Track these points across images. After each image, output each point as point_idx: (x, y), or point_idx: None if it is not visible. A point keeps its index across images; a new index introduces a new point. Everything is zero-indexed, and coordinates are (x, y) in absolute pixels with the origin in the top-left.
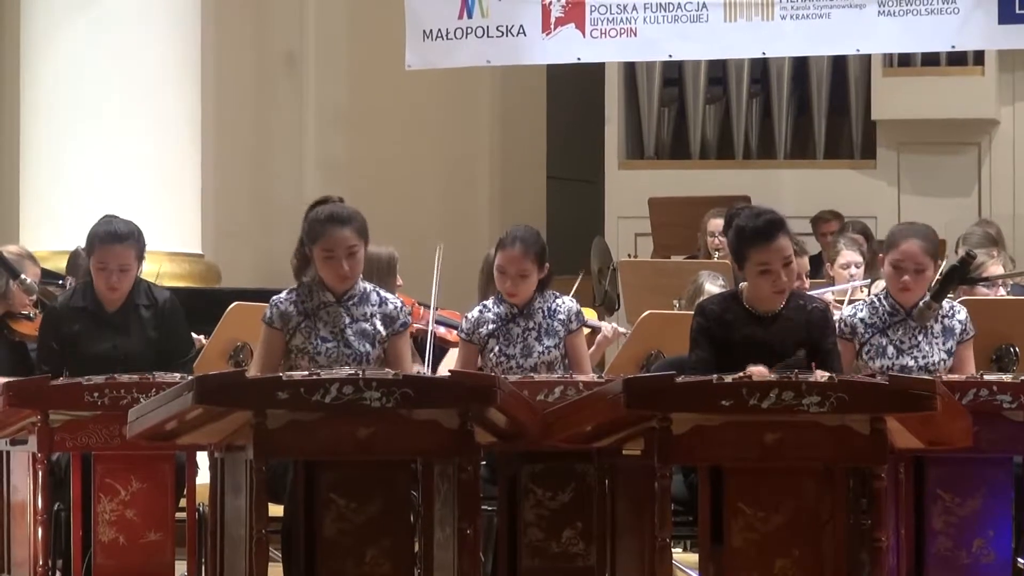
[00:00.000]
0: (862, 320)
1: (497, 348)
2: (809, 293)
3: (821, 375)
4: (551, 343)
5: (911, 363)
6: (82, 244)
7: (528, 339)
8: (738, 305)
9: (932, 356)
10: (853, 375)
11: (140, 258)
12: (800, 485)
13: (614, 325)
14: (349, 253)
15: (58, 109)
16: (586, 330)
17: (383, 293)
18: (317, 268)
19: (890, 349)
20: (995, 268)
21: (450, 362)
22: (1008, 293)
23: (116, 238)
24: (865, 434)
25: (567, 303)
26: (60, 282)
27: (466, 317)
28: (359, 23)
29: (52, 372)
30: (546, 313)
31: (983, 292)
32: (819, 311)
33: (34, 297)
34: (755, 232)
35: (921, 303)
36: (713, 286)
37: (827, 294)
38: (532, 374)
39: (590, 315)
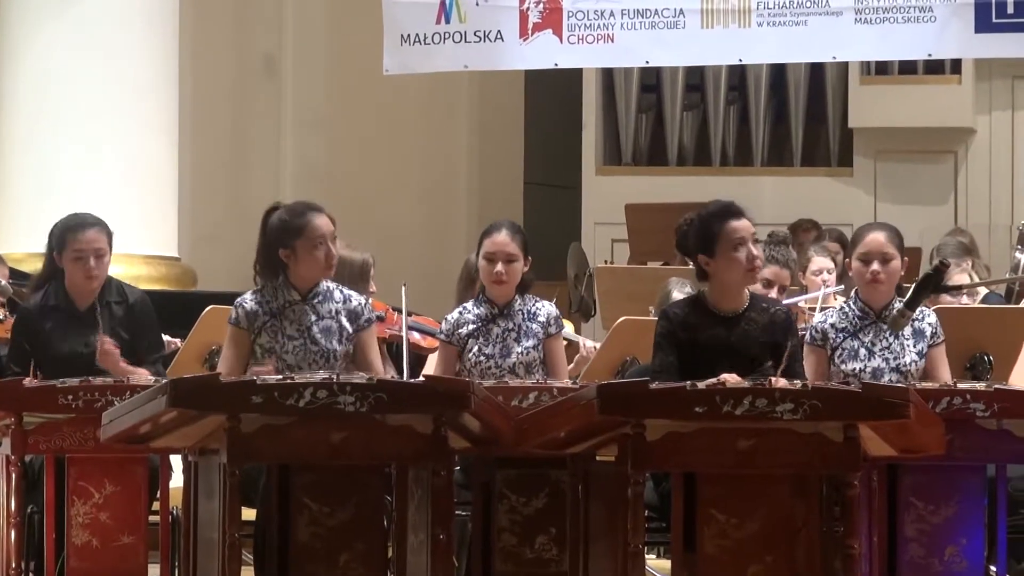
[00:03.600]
0: (832, 326)
1: (476, 348)
2: (785, 300)
3: (782, 383)
4: (530, 344)
5: (883, 364)
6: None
7: (507, 340)
8: (701, 308)
9: (904, 357)
10: (827, 383)
11: (111, 244)
12: (773, 492)
13: (590, 343)
14: (333, 239)
15: (35, 112)
16: (563, 341)
17: (346, 291)
18: (299, 264)
19: (862, 351)
20: (960, 277)
21: (429, 370)
22: (982, 301)
23: (86, 224)
24: (838, 442)
25: (547, 307)
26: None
27: (446, 319)
28: (337, 27)
29: (22, 372)
30: (526, 315)
31: (947, 300)
32: (782, 313)
33: (4, 298)
34: (721, 211)
35: (895, 311)
36: (680, 293)
37: (800, 301)
38: (507, 379)
39: (567, 327)
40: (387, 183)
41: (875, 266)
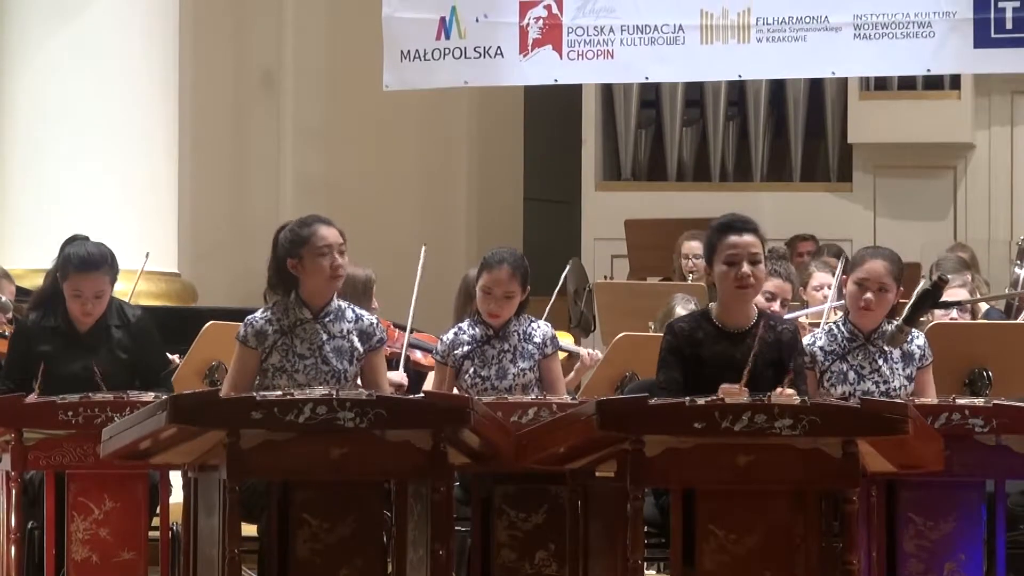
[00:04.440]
0: (821, 348)
1: (472, 370)
2: (787, 315)
3: (789, 392)
4: (526, 365)
5: (872, 388)
6: None
7: (503, 361)
8: (708, 323)
9: (893, 381)
10: (826, 398)
11: (113, 282)
12: (772, 508)
13: (591, 351)
14: (340, 251)
15: (36, 127)
16: (563, 354)
17: (358, 310)
18: (306, 275)
19: (851, 375)
20: (958, 292)
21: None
22: (983, 317)
23: (91, 265)
24: (837, 457)
25: (542, 327)
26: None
27: (441, 339)
28: (337, 42)
29: (18, 387)
30: (521, 336)
31: (939, 315)
32: (789, 331)
33: (10, 315)
34: (727, 223)
35: (893, 327)
36: (684, 310)
37: (802, 316)
38: (506, 395)
39: (567, 339)
40: (387, 198)
41: (869, 295)
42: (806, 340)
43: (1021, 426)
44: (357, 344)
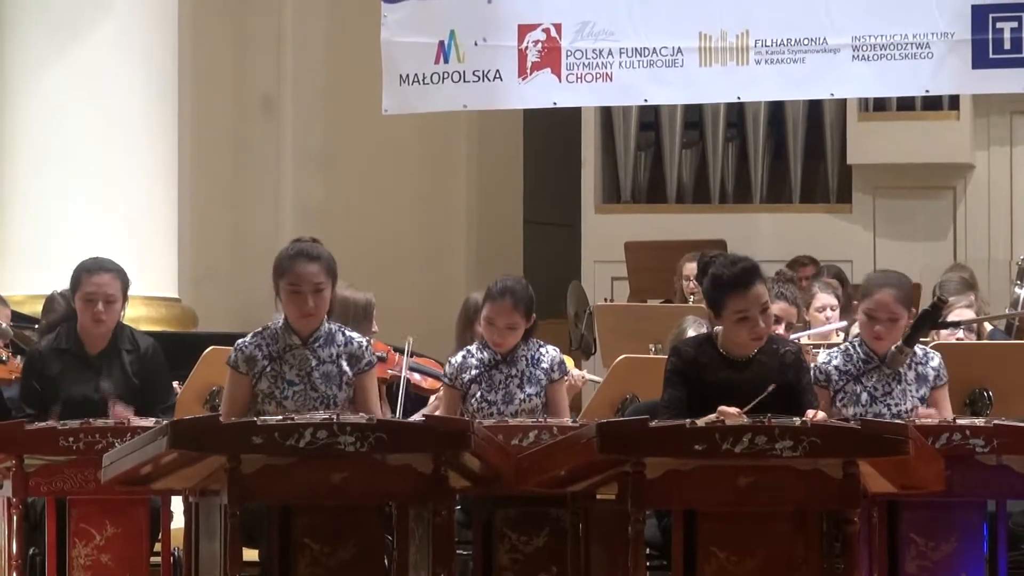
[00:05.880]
0: (836, 367)
1: (479, 394)
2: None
3: (822, 416)
4: (532, 391)
5: (884, 411)
6: (58, 288)
7: (510, 386)
8: (713, 349)
9: (905, 404)
10: (826, 419)
11: (125, 293)
12: (773, 529)
13: (582, 373)
14: (315, 289)
15: (35, 153)
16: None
17: (348, 332)
18: (282, 305)
19: (864, 396)
20: (963, 312)
21: (430, 411)
22: (988, 337)
23: (102, 267)
24: (838, 478)
25: (551, 352)
26: (36, 326)
27: (449, 362)
28: (336, 67)
29: (35, 413)
30: (529, 361)
31: (945, 335)
32: (792, 353)
33: (5, 340)
34: (732, 280)
35: (893, 347)
36: (695, 333)
37: (803, 338)
38: (507, 418)
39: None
40: (387, 222)
41: (879, 327)
42: (822, 357)
43: (1022, 446)
44: (346, 368)
